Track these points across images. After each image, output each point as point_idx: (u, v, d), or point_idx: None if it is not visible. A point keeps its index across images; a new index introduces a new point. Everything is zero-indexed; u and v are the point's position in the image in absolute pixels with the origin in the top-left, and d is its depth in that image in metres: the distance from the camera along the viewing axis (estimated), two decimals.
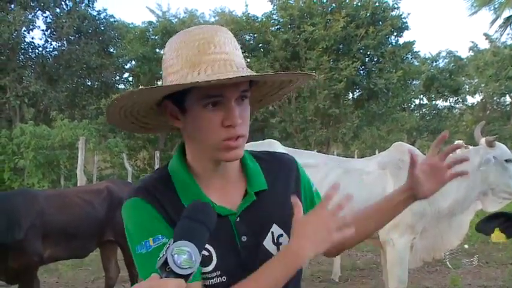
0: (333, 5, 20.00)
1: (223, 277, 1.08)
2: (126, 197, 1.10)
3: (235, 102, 1.01)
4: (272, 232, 1.11)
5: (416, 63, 24.72)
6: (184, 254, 0.82)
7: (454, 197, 3.73)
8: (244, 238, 1.09)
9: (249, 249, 1.09)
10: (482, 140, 3.88)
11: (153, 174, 1.16)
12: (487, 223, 2.32)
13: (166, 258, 0.82)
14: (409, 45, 21.10)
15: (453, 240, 3.88)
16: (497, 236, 2.31)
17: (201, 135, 1.04)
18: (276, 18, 20.75)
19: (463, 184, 3.74)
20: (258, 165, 1.17)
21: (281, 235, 1.11)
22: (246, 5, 32.58)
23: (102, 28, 17.84)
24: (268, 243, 1.10)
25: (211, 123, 1.01)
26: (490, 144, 3.78)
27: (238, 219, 1.09)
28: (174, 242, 0.84)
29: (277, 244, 1.10)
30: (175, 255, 0.82)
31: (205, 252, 1.06)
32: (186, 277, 0.83)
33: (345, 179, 3.85)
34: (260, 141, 4.43)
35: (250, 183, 1.12)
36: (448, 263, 5.99)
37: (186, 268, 0.82)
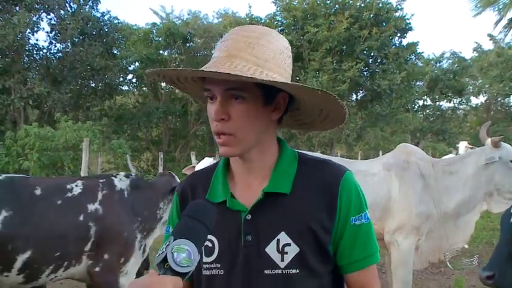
0: (336, 6, 19.97)
1: (221, 270, 1.09)
2: None
3: (223, 99, 1.05)
4: (278, 240, 1.07)
5: (420, 64, 24.68)
6: (183, 252, 0.83)
7: (460, 198, 3.73)
8: (248, 237, 1.08)
9: (250, 250, 1.08)
10: (488, 141, 3.87)
11: (211, 164, 1.27)
12: None
13: (165, 255, 0.83)
14: (412, 46, 21.05)
15: (459, 241, 3.87)
16: None
17: None
18: (280, 19, 20.74)
19: (468, 184, 3.73)
20: (294, 168, 1.14)
21: (288, 244, 1.07)
22: (250, 7, 32.40)
23: (106, 30, 17.87)
24: (271, 249, 1.08)
25: (209, 115, 1.09)
26: (495, 145, 3.77)
27: (249, 217, 1.09)
28: (174, 240, 0.84)
29: (282, 253, 1.07)
30: (175, 253, 0.82)
31: (208, 243, 1.09)
32: (183, 275, 0.83)
33: None
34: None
35: (269, 183, 1.11)
36: (448, 263, 5.97)
37: (184, 266, 0.82)
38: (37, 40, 26.25)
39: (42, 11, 16.27)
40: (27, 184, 3.02)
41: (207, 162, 5.73)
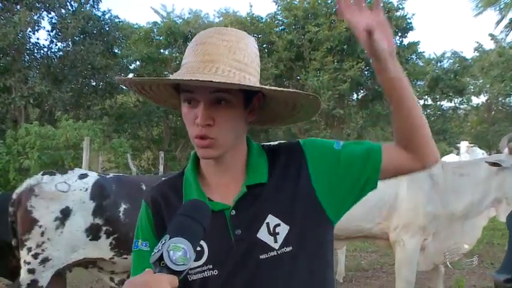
0: (338, 5, 19.97)
1: (215, 270, 1.10)
2: None
3: (208, 103, 1.05)
4: (267, 223, 1.10)
5: (420, 64, 24.68)
6: (179, 250, 0.83)
7: (469, 200, 3.70)
8: (238, 231, 1.10)
9: (243, 242, 1.10)
10: (506, 150, 3.81)
11: (174, 173, 1.26)
12: None
13: (161, 253, 0.83)
14: (413, 45, 21.06)
15: (465, 243, 3.85)
16: None
17: (187, 129, 1.11)
18: (281, 18, 20.76)
19: (478, 188, 3.70)
20: (265, 158, 1.18)
21: (278, 225, 1.10)
22: (251, 6, 32.48)
23: (107, 29, 17.89)
24: (263, 234, 1.10)
25: (187, 119, 1.09)
26: (511, 152, 3.71)
27: (233, 213, 1.11)
28: (169, 238, 0.85)
29: (274, 234, 1.10)
30: (171, 251, 0.83)
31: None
32: (179, 273, 0.84)
33: None
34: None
35: (247, 177, 1.14)
36: (448, 262, 5.96)
37: (180, 265, 0.83)
38: (38, 39, 26.13)
39: (43, 9, 16.29)
40: (132, 181, 3.47)
41: None
